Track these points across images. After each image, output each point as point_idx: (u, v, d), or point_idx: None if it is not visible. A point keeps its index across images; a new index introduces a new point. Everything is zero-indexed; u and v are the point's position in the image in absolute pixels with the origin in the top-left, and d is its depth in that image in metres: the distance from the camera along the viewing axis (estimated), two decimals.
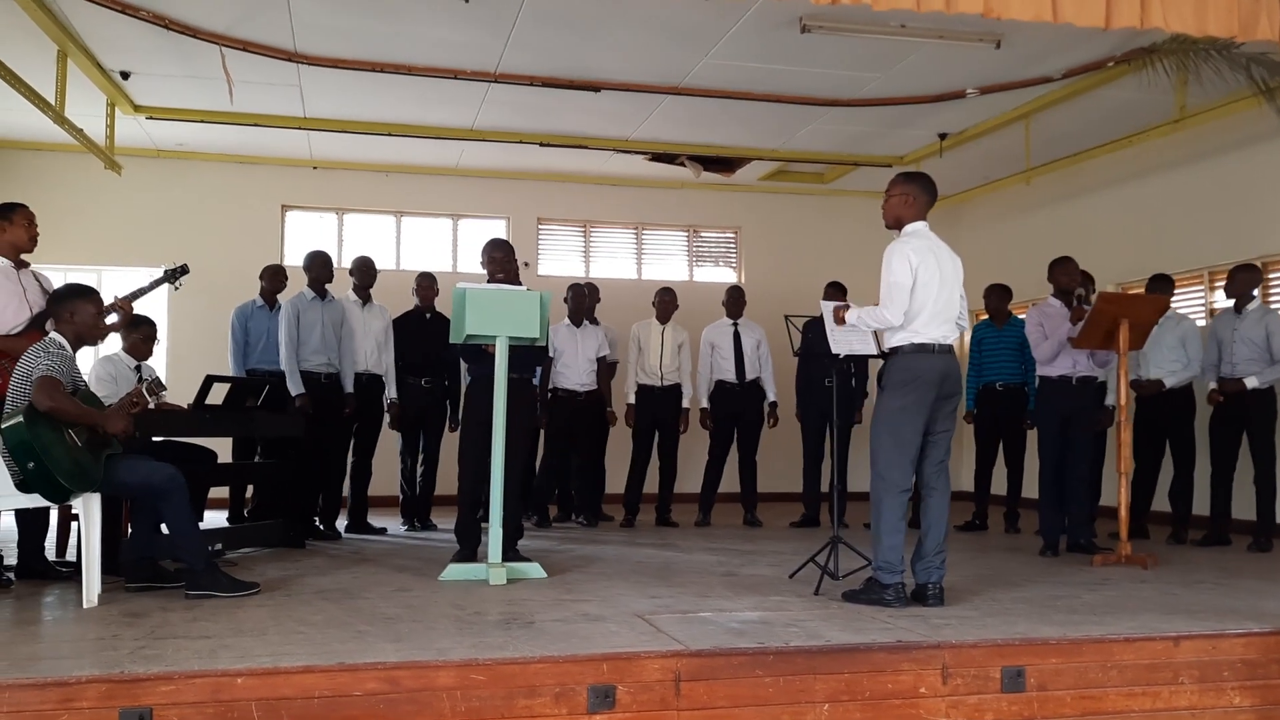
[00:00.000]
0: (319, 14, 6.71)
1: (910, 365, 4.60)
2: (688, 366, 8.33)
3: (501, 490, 5.19)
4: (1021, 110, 8.34)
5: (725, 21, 6.75)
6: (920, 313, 4.58)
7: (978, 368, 8.07)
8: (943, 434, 4.66)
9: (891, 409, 4.61)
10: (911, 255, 4.58)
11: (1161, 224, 8.82)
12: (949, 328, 4.65)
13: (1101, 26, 5.11)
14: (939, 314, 4.59)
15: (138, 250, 9.79)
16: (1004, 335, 7.98)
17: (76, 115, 7.67)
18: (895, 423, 4.59)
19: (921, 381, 4.55)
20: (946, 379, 4.60)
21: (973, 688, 3.61)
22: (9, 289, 5.02)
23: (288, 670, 3.17)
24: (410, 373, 7.68)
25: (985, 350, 8.03)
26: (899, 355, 4.64)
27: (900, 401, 4.58)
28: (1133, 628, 3.95)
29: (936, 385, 4.57)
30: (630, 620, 4.03)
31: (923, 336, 4.58)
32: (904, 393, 4.58)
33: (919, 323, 4.58)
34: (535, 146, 9.44)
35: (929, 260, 4.59)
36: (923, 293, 4.57)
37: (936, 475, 4.67)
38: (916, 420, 4.56)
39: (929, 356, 4.58)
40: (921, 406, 4.56)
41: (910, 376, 4.58)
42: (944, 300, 4.61)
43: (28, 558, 5.17)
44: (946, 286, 4.63)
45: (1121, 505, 5.98)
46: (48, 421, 4.31)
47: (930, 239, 4.69)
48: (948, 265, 4.66)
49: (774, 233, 11.31)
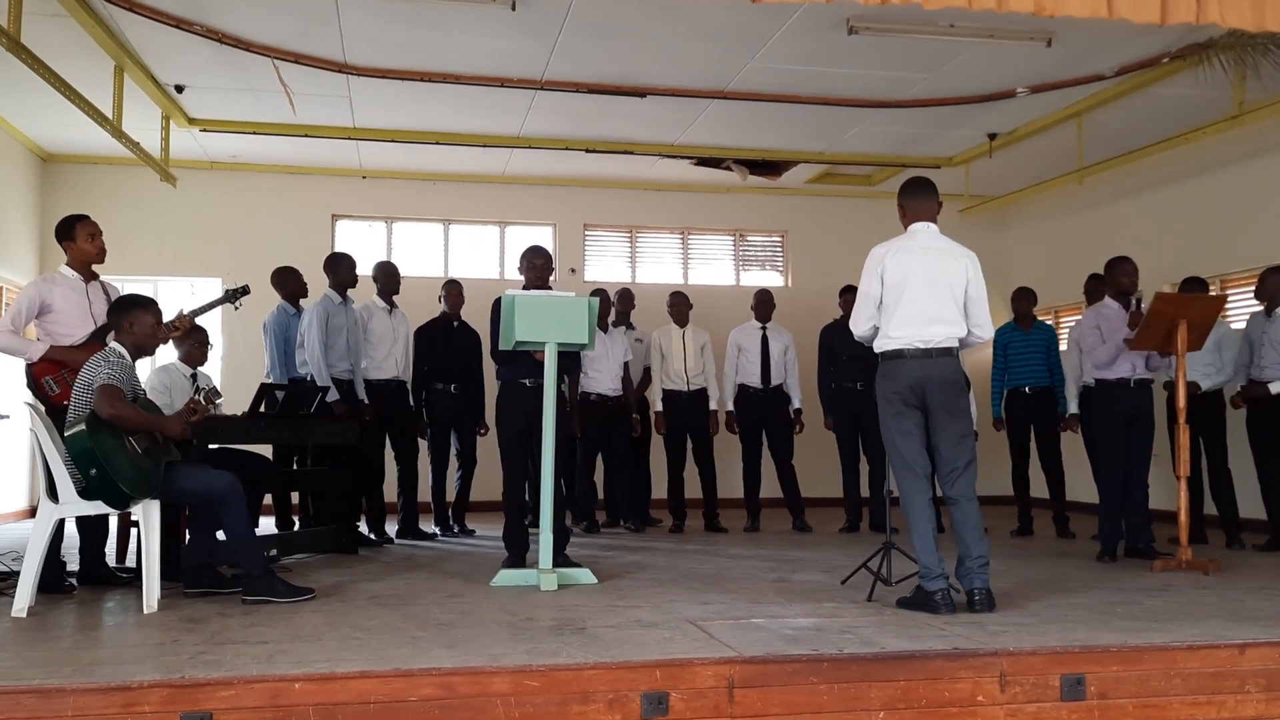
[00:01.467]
0: (368, 25, 6.79)
1: (885, 371, 4.56)
2: (712, 368, 8.30)
3: (552, 496, 5.21)
4: (1073, 109, 8.23)
5: (771, 25, 6.73)
6: (891, 315, 4.51)
7: (1004, 372, 7.96)
8: (946, 441, 4.49)
9: (882, 415, 4.59)
10: (873, 260, 4.55)
11: (1218, 223, 8.65)
12: (935, 329, 4.49)
13: (1157, 23, 5.01)
14: (915, 315, 4.48)
15: (193, 261, 9.98)
16: (1031, 339, 7.87)
17: (133, 129, 7.82)
18: (888, 430, 4.57)
19: (897, 386, 4.49)
20: (929, 383, 4.47)
21: (1031, 696, 3.54)
22: (75, 301, 5.13)
23: (344, 676, 3.20)
24: (438, 379, 7.71)
25: (1012, 354, 7.92)
26: (880, 361, 4.61)
27: (885, 405, 4.55)
28: (1196, 635, 3.86)
29: (916, 390, 4.47)
30: (683, 626, 4.02)
31: (895, 340, 4.51)
32: (885, 400, 4.55)
33: (891, 325, 4.51)
34: (581, 153, 9.47)
35: (901, 261, 4.51)
36: (891, 295, 4.50)
37: (951, 485, 4.52)
38: (905, 425, 4.49)
39: (902, 361, 4.50)
40: (904, 412, 4.49)
41: (885, 380, 4.55)
42: (924, 301, 4.48)
43: (89, 564, 5.26)
44: (928, 286, 4.50)
45: (1181, 510, 5.86)
46: (109, 429, 4.39)
47: (917, 239, 4.61)
48: (936, 265, 4.53)
49: (821, 236, 11.25)
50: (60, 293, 5.10)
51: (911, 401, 4.49)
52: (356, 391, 7.05)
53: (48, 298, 5.06)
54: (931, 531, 4.48)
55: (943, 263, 4.55)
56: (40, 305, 5.06)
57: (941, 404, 4.49)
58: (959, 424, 4.52)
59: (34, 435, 4.57)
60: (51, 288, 5.10)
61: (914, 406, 4.50)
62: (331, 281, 7.04)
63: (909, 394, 4.48)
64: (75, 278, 5.20)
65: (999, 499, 9.10)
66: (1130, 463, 6.39)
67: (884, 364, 4.57)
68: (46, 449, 4.50)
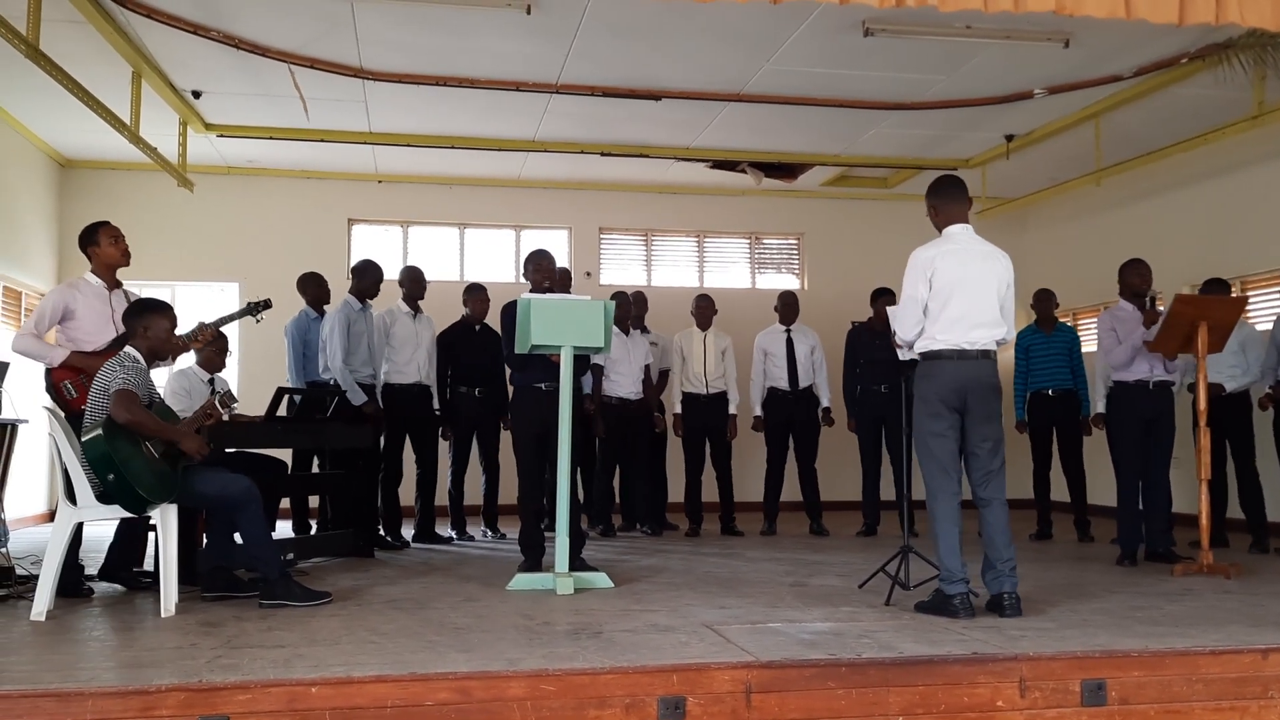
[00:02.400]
0: (384, 30, 6.81)
1: (926, 372, 4.54)
2: (732, 372, 8.27)
3: (567, 500, 5.20)
4: (1091, 110, 8.18)
5: (787, 27, 6.71)
6: (936, 319, 4.49)
7: (1026, 375, 7.90)
8: (983, 443, 4.51)
9: (918, 416, 4.57)
10: (923, 265, 4.52)
11: (1239, 224, 8.58)
12: (978, 333, 4.50)
13: (1175, 23, 4.97)
14: (964, 319, 4.48)
15: (210, 266, 10.03)
16: (1052, 341, 7.81)
17: (150, 134, 7.86)
18: (922, 432, 4.54)
19: (937, 388, 4.47)
20: (971, 387, 4.47)
21: (1052, 701, 3.52)
22: (97, 308, 5.17)
23: (361, 680, 3.20)
24: (461, 382, 7.72)
25: (1034, 356, 7.86)
26: (920, 363, 4.58)
27: (923, 408, 4.53)
28: (1219, 639, 3.83)
29: (958, 392, 4.46)
30: (699, 631, 4.00)
31: (939, 343, 4.50)
32: (924, 401, 4.52)
33: (937, 328, 4.50)
34: (597, 156, 9.47)
35: (946, 264, 4.50)
36: (937, 298, 4.49)
37: (985, 486, 4.53)
38: (941, 425, 4.48)
39: (945, 363, 4.48)
40: (942, 414, 4.47)
41: (926, 382, 4.52)
42: (966, 306, 4.48)
43: (110, 568, 5.28)
44: (973, 290, 4.50)
45: (1202, 513, 5.81)
46: (126, 434, 4.41)
47: (959, 242, 4.59)
48: (978, 268, 4.53)
49: (837, 239, 11.22)
50: (83, 299, 5.15)
51: (952, 404, 4.48)
52: (375, 396, 7.09)
53: (70, 304, 5.11)
54: (957, 534, 4.46)
55: (984, 265, 4.56)
56: (63, 311, 5.10)
57: (980, 407, 4.50)
58: (994, 427, 4.54)
59: (52, 440, 4.59)
60: (74, 294, 5.15)
61: (953, 409, 4.49)
62: (353, 287, 7.10)
63: (951, 396, 4.47)
64: (99, 284, 5.24)
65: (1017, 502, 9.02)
66: (1149, 465, 6.34)
67: (925, 365, 4.55)
68: (65, 453, 4.52)
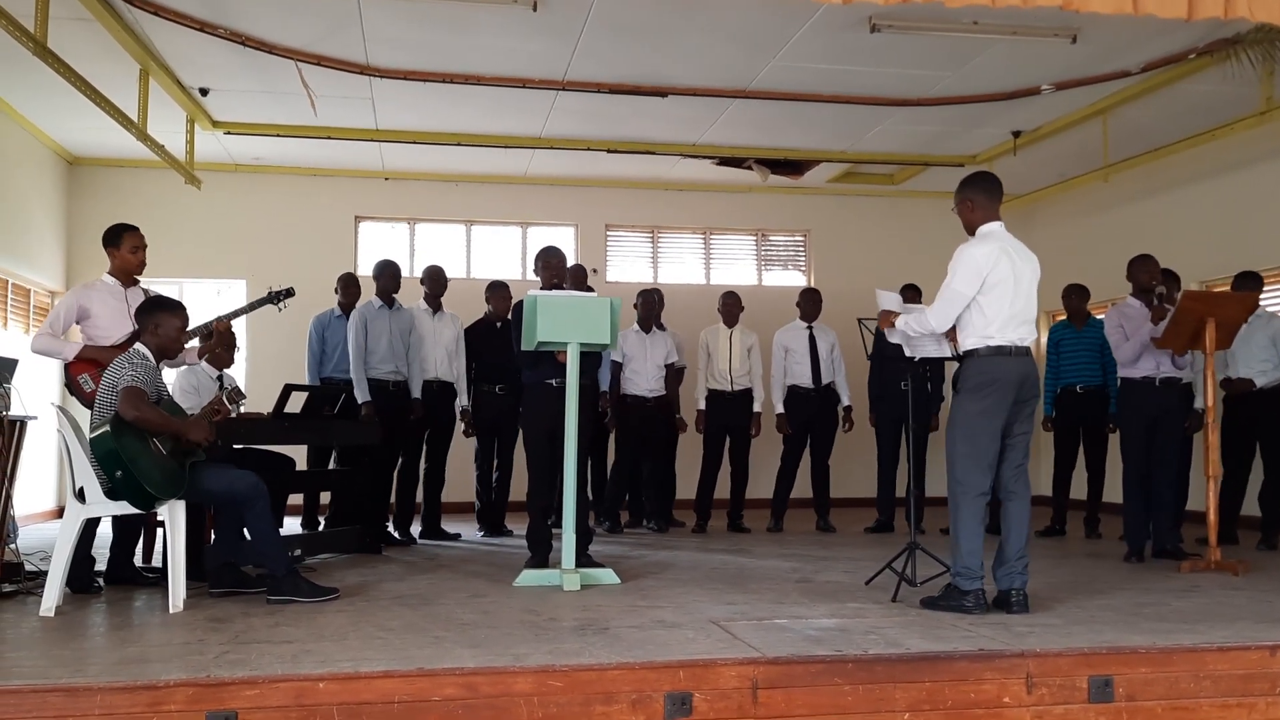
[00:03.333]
0: (391, 27, 6.81)
1: (987, 368, 4.52)
2: (758, 370, 8.26)
3: (574, 496, 5.20)
4: (1099, 106, 8.15)
5: (793, 24, 6.71)
6: (996, 316, 4.50)
7: (1056, 370, 7.87)
8: (1021, 436, 4.58)
9: (968, 412, 4.53)
10: (982, 262, 4.50)
11: (1247, 219, 8.55)
12: (1026, 330, 4.55)
13: (1184, 18, 4.95)
14: (1015, 316, 4.51)
15: (217, 263, 10.05)
16: (1083, 336, 7.77)
17: (158, 132, 7.88)
18: (971, 427, 4.51)
19: (999, 384, 4.47)
20: (1025, 382, 4.52)
21: (1059, 697, 3.51)
22: (114, 307, 5.30)
23: (368, 675, 3.21)
24: (484, 380, 7.74)
25: (1064, 352, 7.82)
26: (975, 358, 4.56)
27: (977, 405, 4.51)
28: (1226, 636, 3.82)
29: (1015, 388, 4.49)
30: (706, 627, 4.01)
31: (999, 339, 4.51)
32: (981, 396, 4.50)
33: (994, 326, 4.51)
34: (603, 153, 9.47)
35: (1001, 263, 4.50)
36: (996, 295, 4.49)
37: (1015, 479, 4.59)
38: (994, 424, 4.49)
39: (1006, 359, 4.50)
40: (999, 410, 4.49)
41: (987, 380, 4.50)
42: (1020, 303, 4.52)
43: (116, 564, 5.31)
44: (1022, 288, 4.54)
45: (1210, 510, 5.79)
46: (133, 431, 4.42)
47: (1004, 240, 4.60)
48: (1023, 266, 4.56)
49: (844, 235, 11.21)
50: (99, 298, 5.29)
51: (1009, 398, 4.49)
52: (411, 391, 7.20)
53: (86, 304, 5.25)
54: (982, 531, 4.49)
55: (1025, 264, 4.59)
56: (79, 311, 5.25)
57: (1028, 403, 4.57)
58: (1031, 422, 4.64)
59: (61, 436, 4.61)
60: (90, 294, 5.30)
61: (1008, 404, 4.50)
62: (377, 287, 7.24)
63: (1011, 392, 4.49)
64: (114, 284, 5.39)
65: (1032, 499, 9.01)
66: (1154, 463, 6.33)
67: (982, 361, 4.53)
68: (73, 450, 4.54)
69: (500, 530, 7.87)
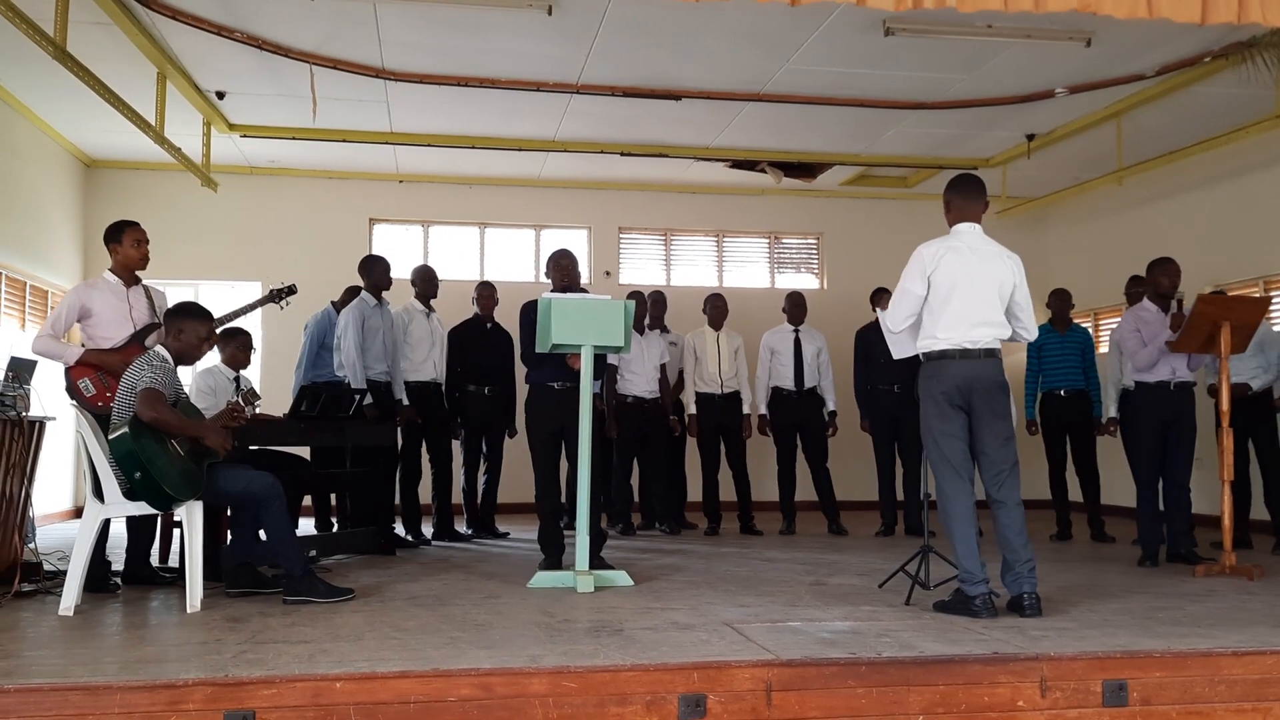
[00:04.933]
0: (406, 31, 6.85)
1: (931, 372, 4.53)
2: (745, 372, 8.27)
3: (587, 498, 5.22)
4: (1113, 109, 8.14)
5: (807, 27, 6.72)
6: (940, 316, 4.47)
7: (1038, 374, 7.86)
8: (993, 442, 4.48)
9: (927, 417, 4.55)
10: (927, 260, 4.50)
11: (1261, 223, 8.52)
12: (981, 331, 4.47)
13: (1197, 22, 4.93)
14: (964, 317, 4.46)
15: (233, 264, 10.11)
16: (1066, 341, 7.77)
17: (175, 135, 7.94)
18: (930, 428, 4.52)
19: (945, 388, 4.45)
20: (975, 385, 4.45)
21: (1073, 701, 3.51)
22: (115, 306, 5.24)
23: (384, 675, 3.23)
24: (470, 380, 7.74)
25: (1047, 356, 7.81)
26: (924, 361, 4.58)
27: (929, 407, 4.52)
28: (1242, 641, 3.81)
29: (963, 393, 4.44)
30: (720, 629, 4.02)
31: (942, 341, 4.48)
32: (930, 401, 4.51)
33: (940, 326, 4.48)
34: (616, 156, 9.49)
35: (949, 262, 4.48)
36: (939, 296, 4.47)
37: (998, 488, 4.49)
38: (950, 427, 4.46)
39: (952, 362, 4.46)
40: (951, 414, 4.46)
41: (932, 381, 4.50)
42: (971, 303, 4.46)
43: (134, 564, 5.34)
44: (975, 288, 4.47)
45: (1225, 514, 5.78)
46: (152, 433, 4.46)
47: (964, 240, 4.57)
48: (981, 267, 4.50)
49: (856, 238, 11.20)
50: (100, 297, 5.23)
51: (957, 402, 4.46)
52: (395, 392, 7.09)
53: (88, 302, 5.19)
54: (974, 535, 4.45)
55: (989, 265, 4.53)
56: (80, 310, 5.19)
57: (986, 405, 4.47)
58: (1004, 425, 4.51)
59: (79, 437, 4.65)
60: (92, 293, 5.24)
61: (959, 408, 4.47)
62: (366, 284, 7.07)
63: (955, 395, 4.46)
64: (116, 282, 5.32)
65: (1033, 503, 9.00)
66: (1169, 466, 6.32)
67: (929, 364, 4.55)
68: (92, 450, 4.58)
69: (492, 530, 7.85)
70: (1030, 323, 4.64)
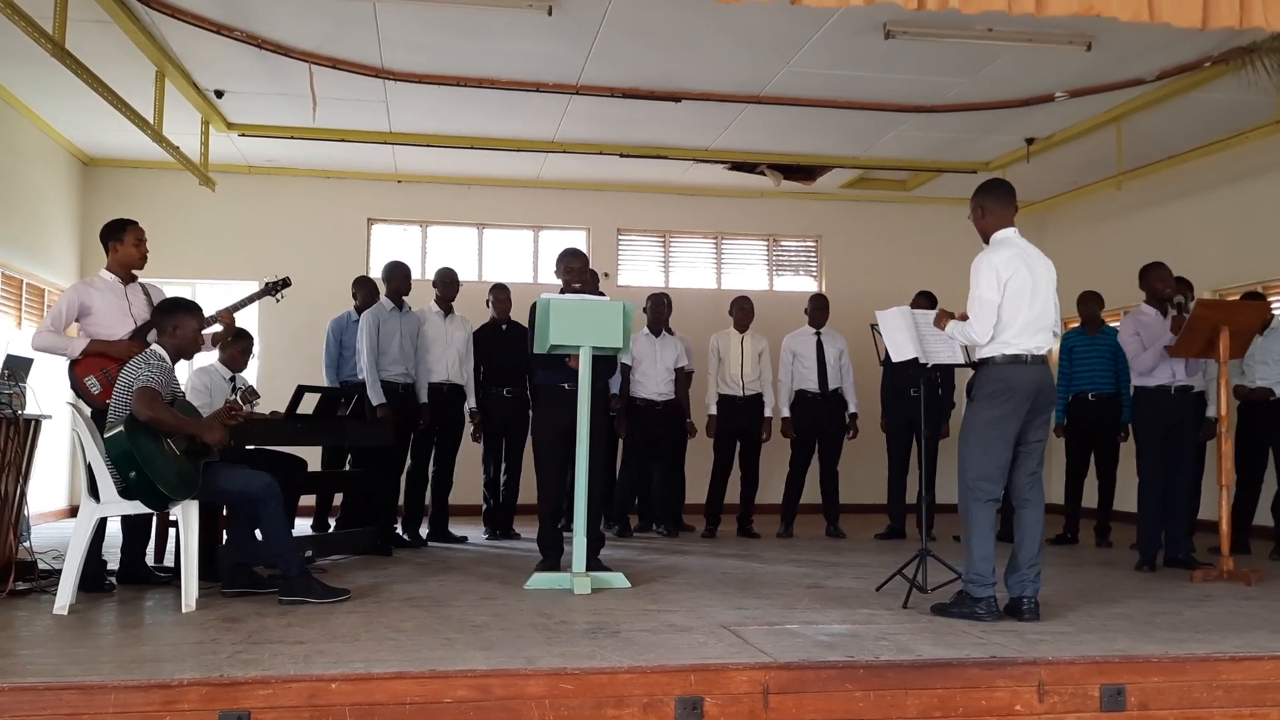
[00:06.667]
0: (405, 31, 6.83)
1: (1003, 376, 4.51)
2: (768, 375, 8.26)
3: (586, 500, 5.21)
4: (1113, 113, 8.13)
5: (807, 29, 6.71)
6: (1012, 323, 4.49)
7: (1069, 377, 7.82)
8: (1035, 444, 4.58)
9: (982, 420, 4.52)
10: (1001, 268, 4.49)
11: (1261, 229, 8.52)
12: (1043, 337, 4.54)
13: (1198, 27, 4.93)
14: (1032, 323, 4.50)
15: (231, 264, 10.08)
16: (1097, 343, 7.74)
17: (173, 133, 7.91)
18: (985, 434, 4.50)
19: (1015, 393, 4.46)
20: (1041, 390, 4.51)
21: (1071, 706, 3.51)
22: (114, 303, 5.24)
23: (381, 676, 3.22)
24: (492, 383, 7.75)
25: (1077, 359, 7.78)
26: (991, 366, 4.55)
27: (993, 413, 4.50)
28: (1239, 646, 3.81)
29: (1031, 396, 4.48)
30: (717, 631, 4.01)
31: (1015, 347, 4.49)
32: (996, 404, 4.49)
33: (1010, 333, 4.50)
34: (615, 157, 9.48)
35: (1019, 269, 4.50)
36: (1013, 303, 4.48)
37: (1030, 487, 4.58)
38: (1008, 432, 4.48)
39: (1022, 368, 4.48)
40: (1014, 418, 4.48)
41: (1003, 387, 4.48)
42: (1038, 309, 4.51)
43: (130, 563, 5.33)
44: (1040, 295, 4.53)
45: (1223, 519, 5.78)
46: (148, 431, 4.44)
47: (1020, 246, 4.60)
48: (1041, 272, 4.56)
49: (855, 241, 11.20)
50: (99, 295, 5.23)
51: (1025, 408, 4.49)
52: (418, 395, 7.21)
53: (87, 300, 5.18)
54: (993, 539, 4.48)
55: (1042, 269, 4.58)
56: (80, 307, 5.18)
57: (1043, 409, 4.57)
58: (1046, 430, 4.66)
59: (75, 435, 4.64)
60: (91, 291, 5.23)
61: (1023, 413, 4.50)
62: (388, 289, 7.24)
63: (1024, 400, 4.47)
64: (114, 280, 5.32)
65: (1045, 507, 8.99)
66: (1170, 470, 6.31)
67: (996, 369, 4.51)
68: (88, 449, 4.56)
69: (508, 533, 7.87)
70: (1059, 325, 4.71)
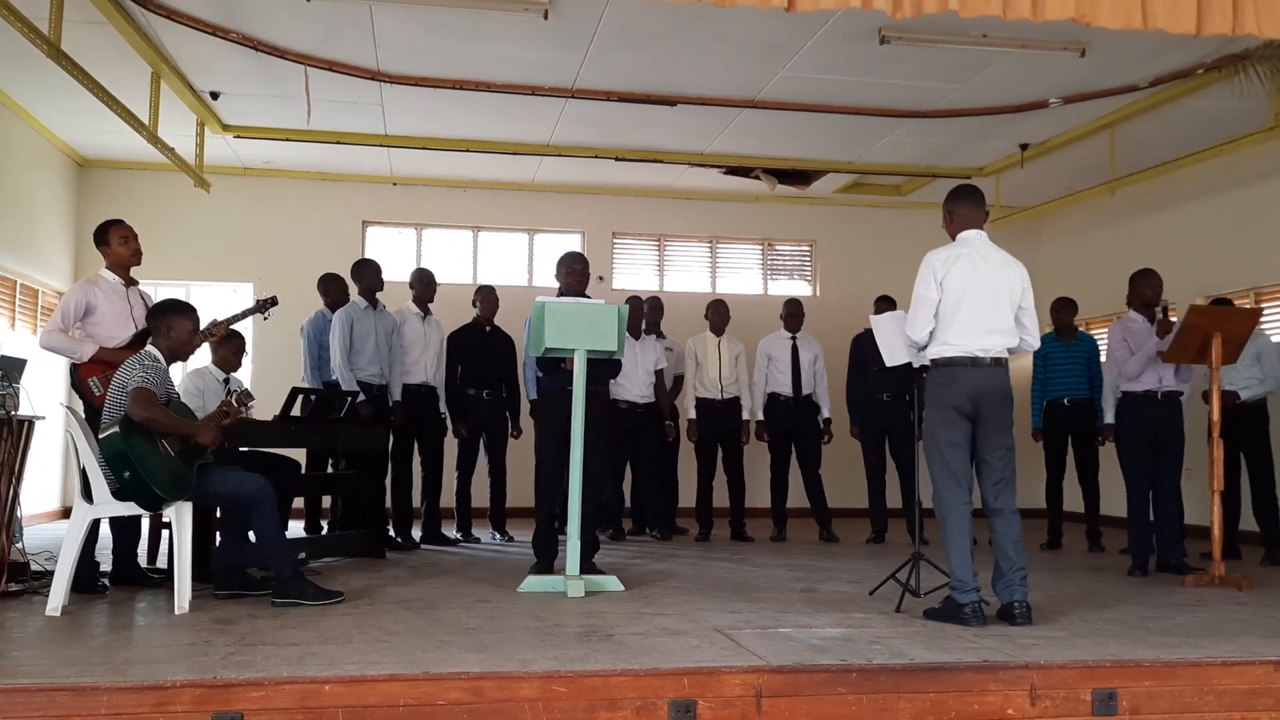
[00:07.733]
0: (401, 33, 6.84)
1: (939, 379, 4.52)
2: (745, 378, 8.28)
3: (580, 503, 5.21)
4: (1106, 120, 8.17)
5: (803, 34, 6.73)
6: (951, 323, 4.47)
7: (1043, 383, 7.87)
8: (995, 452, 4.48)
9: (931, 424, 4.54)
10: (937, 266, 4.50)
11: (1253, 236, 8.56)
12: (991, 340, 4.48)
13: (1192, 33, 4.95)
14: (972, 324, 4.46)
15: (225, 266, 10.09)
16: (1071, 350, 7.79)
17: (168, 135, 7.92)
18: (936, 440, 4.51)
19: (951, 395, 4.45)
20: (984, 394, 4.45)
21: (1062, 710, 3.51)
22: (117, 305, 5.26)
23: (374, 678, 3.21)
24: (470, 385, 7.73)
25: (1052, 365, 7.83)
26: (933, 368, 4.57)
27: (937, 417, 4.50)
28: (1231, 651, 3.82)
29: (971, 400, 4.44)
30: (710, 635, 4.01)
31: (953, 349, 4.48)
32: (936, 409, 4.50)
33: (950, 334, 4.48)
34: (611, 161, 9.50)
35: (960, 269, 4.48)
36: (950, 302, 4.47)
37: (996, 496, 4.50)
38: (955, 435, 4.46)
39: (962, 370, 4.46)
40: (957, 422, 4.45)
41: (939, 391, 4.49)
42: (981, 311, 4.46)
43: (121, 565, 5.32)
44: (986, 296, 4.48)
45: (1215, 524, 5.79)
46: (142, 432, 4.44)
47: (972, 247, 4.58)
48: (991, 275, 4.51)
49: (850, 246, 11.23)
50: (103, 295, 5.24)
51: (966, 411, 4.46)
52: (390, 395, 7.11)
53: (92, 299, 5.19)
54: (969, 544, 4.45)
55: (999, 273, 4.54)
56: (85, 307, 5.18)
57: (993, 415, 4.48)
58: (1007, 435, 4.52)
59: (69, 436, 4.63)
60: (95, 290, 5.24)
61: (966, 416, 4.47)
62: (359, 287, 7.13)
63: (965, 403, 4.45)
64: (116, 281, 5.34)
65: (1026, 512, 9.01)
66: (1159, 476, 6.33)
67: (938, 372, 4.53)
68: (81, 450, 4.55)
69: (504, 534, 7.86)
70: (1035, 331, 4.65)
